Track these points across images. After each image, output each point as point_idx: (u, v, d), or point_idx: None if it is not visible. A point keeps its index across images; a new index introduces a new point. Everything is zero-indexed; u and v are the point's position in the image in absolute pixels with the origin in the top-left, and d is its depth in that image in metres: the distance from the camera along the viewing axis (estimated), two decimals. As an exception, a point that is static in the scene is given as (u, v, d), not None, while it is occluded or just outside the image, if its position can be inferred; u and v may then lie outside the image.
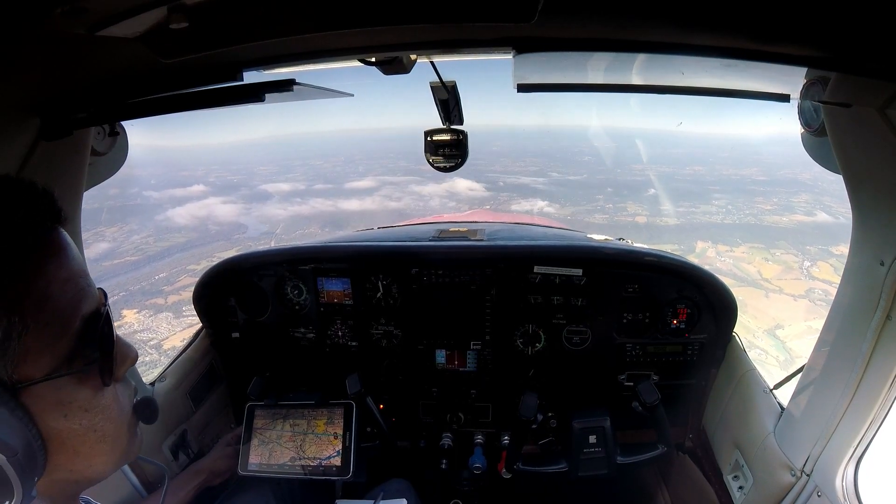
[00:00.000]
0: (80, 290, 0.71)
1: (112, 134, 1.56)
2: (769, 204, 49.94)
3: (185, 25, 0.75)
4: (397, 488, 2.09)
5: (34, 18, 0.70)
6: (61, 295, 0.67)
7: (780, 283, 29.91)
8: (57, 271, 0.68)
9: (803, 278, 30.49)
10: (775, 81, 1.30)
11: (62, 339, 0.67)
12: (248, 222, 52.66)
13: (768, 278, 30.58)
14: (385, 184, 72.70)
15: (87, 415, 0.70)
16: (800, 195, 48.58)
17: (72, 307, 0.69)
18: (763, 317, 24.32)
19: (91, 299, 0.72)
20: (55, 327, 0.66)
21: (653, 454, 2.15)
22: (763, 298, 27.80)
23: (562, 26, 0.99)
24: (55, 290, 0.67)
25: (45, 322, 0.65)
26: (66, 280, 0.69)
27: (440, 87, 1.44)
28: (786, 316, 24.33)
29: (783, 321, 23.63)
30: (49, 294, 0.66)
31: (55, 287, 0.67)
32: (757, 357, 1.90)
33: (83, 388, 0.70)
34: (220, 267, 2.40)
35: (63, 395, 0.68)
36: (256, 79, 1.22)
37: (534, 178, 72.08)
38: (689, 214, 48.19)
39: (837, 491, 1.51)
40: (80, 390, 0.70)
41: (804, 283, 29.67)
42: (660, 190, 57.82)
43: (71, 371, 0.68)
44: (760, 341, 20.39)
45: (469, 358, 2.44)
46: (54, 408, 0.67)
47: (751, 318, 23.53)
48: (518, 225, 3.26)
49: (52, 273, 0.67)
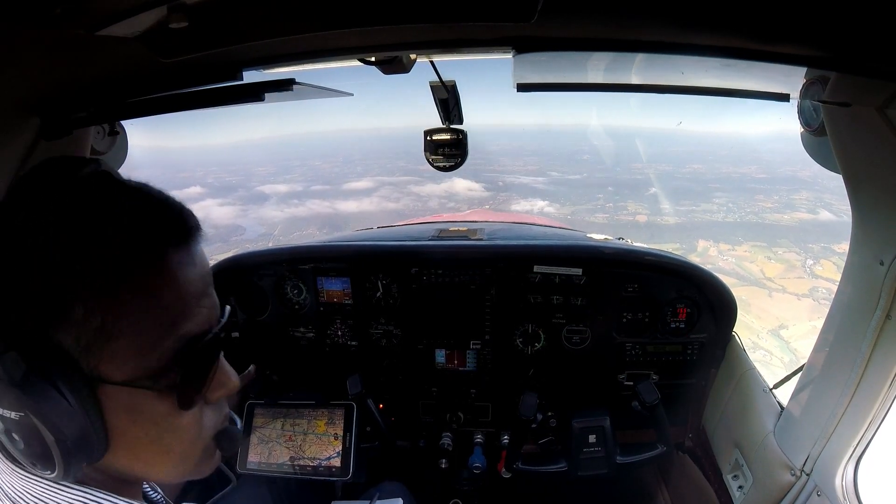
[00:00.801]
0: (186, 310, 0.68)
1: (112, 133, 1.56)
2: (770, 202, 49.84)
3: (184, 25, 0.75)
4: (391, 489, 2.09)
5: (34, 18, 0.70)
6: (164, 311, 0.66)
7: (784, 281, 29.76)
8: (172, 288, 0.66)
9: (806, 277, 30.31)
10: (775, 81, 1.30)
11: (152, 353, 0.65)
12: (246, 224, 52.54)
13: (771, 277, 30.42)
14: (383, 184, 72.39)
15: (156, 428, 0.69)
16: (800, 192, 48.49)
17: (172, 325, 0.66)
18: (767, 316, 24.11)
19: (198, 320, 0.69)
20: (148, 340, 0.65)
21: (652, 454, 2.15)
22: (766, 298, 27.60)
23: (562, 26, 0.99)
24: (159, 306, 0.65)
25: (139, 332, 0.64)
26: (172, 300, 0.67)
27: (440, 86, 1.44)
28: (790, 315, 24.09)
29: (787, 321, 23.42)
30: (150, 308, 0.64)
31: (160, 302, 0.65)
32: (761, 358, 1.90)
33: (160, 404, 0.67)
34: (220, 266, 2.40)
35: (137, 404, 0.66)
36: (256, 78, 1.22)
37: (533, 178, 71.98)
38: (690, 213, 48.09)
39: (837, 490, 1.52)
40: (157, 405, 0.67)
41: (807, 281, 29.47)
42: (660, 188, 57.73)
43: (152, 387, 0.66)
44: (765, 342, 20.15)
45: (469, 357, 2.44)
46: (125, 412, 0.66)
47: (754, 317, 23.35)
48: (518, 224, 3.26)
49: (165, 290, 0.66)
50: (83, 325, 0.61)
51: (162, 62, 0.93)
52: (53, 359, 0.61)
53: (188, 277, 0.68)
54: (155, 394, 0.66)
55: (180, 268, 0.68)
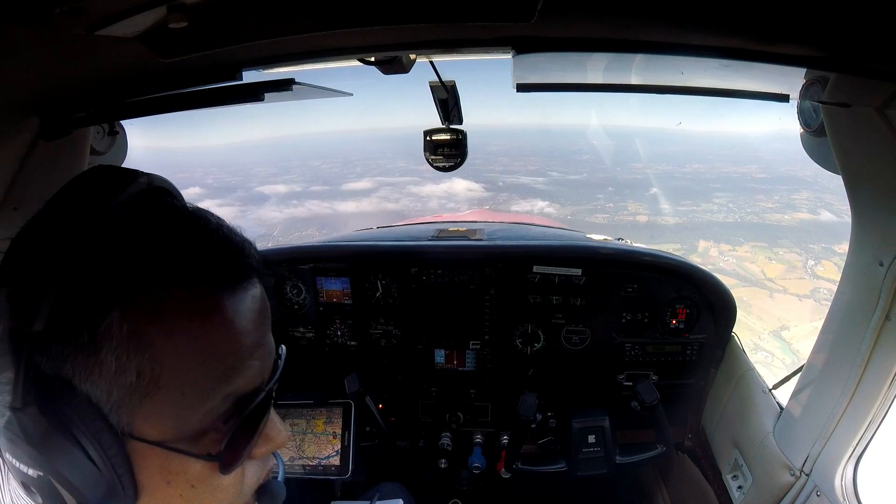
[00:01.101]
0: (238, 364, 0.59)
1: (111, 133, 1.56)
2: (770, 202, 49.79)
3: (184, 25, 0.75)
4: (391, 490, 2.09)
5: (33, 18, 0.70)
6: (209, 367, 0.57)
7: (785, 282, 29.64)
8: (214, 339, 0.57)
9: (807, 277, 30.17)
10: (774, 82, 1.31)
11: (194, 413, 0.56)
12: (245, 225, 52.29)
13: (772, 278, 30.30)
14: (383, 185, 72.16)
15: (193, 490, 0.60)
16: (800, 192, 48.44)
17: (220, 381, 0.58)
18: (768, 318, 23.99)
19: (250, 375, 0.61)
20: (191, 398, 0.56)
21: (652, 454, 2.16)
22: (767, 299, 27.47)
23: (561, 26, 0.99)
24: (203, 361, 0.56)
25: (181, 389, 0.55)
26: (223, 353, 0.58)
27: (439, 86, 1.44)
28: (791, 317, 23.98)
29: (788, 322, 23.30)
30: (196, 362, 0.56)
31: (205, 357, 0.56)
32: (763, 360, 1.90)
33: (198, 465, 0.59)
34: None
35: (173, 465, 0.57)
36: (256, 78, 1.22)
37: (533, 178, 71.89)
38: (691, 213, 48.05)
39: (836, 490, 1.52)
40: (194, 466, 0.58)
41: (809, 282, 29.37)
42: (660, 188, 57.68)
43: (190, 452, 0.57)
44: (766, 343, 20.01)
45: (468, 357, 2.44)
46: (159, 471, 0.57)
47: (756, 319, 23.22)
48: (517, 225, 3.26)
49: (208, 340, 0.56)
50: (116, 378, 0.52)
51: (161, 62, 0.93)
52: (79, 414, 0.52)
53: (243, 327, 0.59)
54: (191, 457, 0.58)
55: (236, 316, 0.58)
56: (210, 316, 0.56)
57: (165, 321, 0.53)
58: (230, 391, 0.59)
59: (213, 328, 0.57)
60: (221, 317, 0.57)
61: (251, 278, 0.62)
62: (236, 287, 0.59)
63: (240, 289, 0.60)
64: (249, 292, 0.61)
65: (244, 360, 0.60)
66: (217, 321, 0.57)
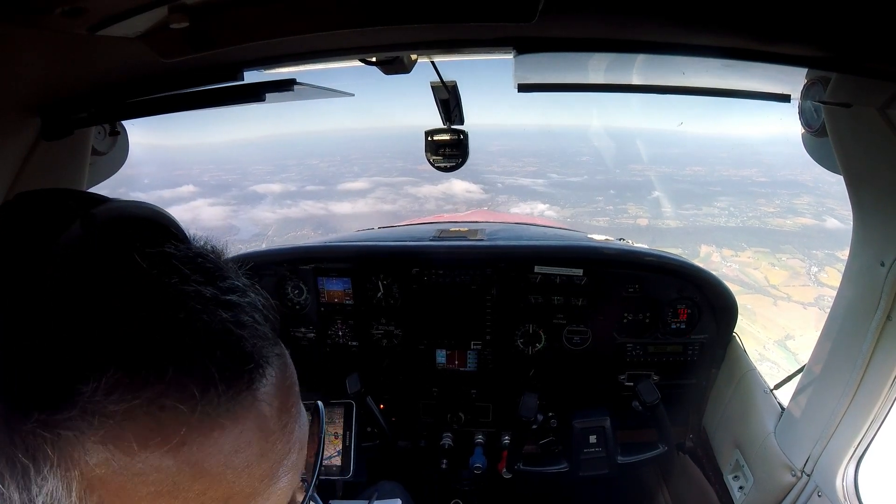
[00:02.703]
0: (266, 481, 0.44)
1: (112, 133, 1.56)
2: (772, 206, 49.71)
3: (185, 25, 0.75)
4: (390, 489, 2.08)
5: (34, 19, 0.70)
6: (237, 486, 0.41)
7: (788, 289, 29.33)
8: (238, 453, 0.41)
9: (811, 284, 29.85)
10: (776, 82, 1.31)
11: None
12: (240, 224, 52.09)
13: (776, 284, 30.01)
14: (379, 185, 71.69)
15: None
16: (802, 197, 48.39)
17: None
18: (772, 326, 23.71)
19: (283, 489, 0.46)
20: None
21: (653, 454, 2.16)
22: (771, 306, 27.17)
23: (562, 26, 0.99)
24: (227, 480, 0.41)
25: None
26: (249, 465, 0.42)
27: (441, 86, 1.44)
28: (796, 325, 23.59)
29: (793, 331, 22.92)
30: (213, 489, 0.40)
31: (229, 477, 0.41)
32: (769, 371, 1.89)
33: None
34: None
35: None
36: (257, 78, 1.22)
37: (533, 180, 71.76)
38: (692, 217, 47.96)
39: (838, 491, 1.52)
40: None
41: (813, 289, 29.12)
42: (662, 191, 57.58)
43: None
44: (772, 353, 19.63)
45: (469, 358, 2.44)
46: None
47: (760, 328, 22.87)
48: (518, 225, 3.26)
49: (232, 455, 0.41)
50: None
51: (163, 62, 0.93)
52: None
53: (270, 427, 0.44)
54: None
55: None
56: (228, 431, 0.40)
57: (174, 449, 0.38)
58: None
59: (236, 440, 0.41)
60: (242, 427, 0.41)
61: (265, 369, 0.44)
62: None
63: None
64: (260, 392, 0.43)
65: (275, 471, 0.45)
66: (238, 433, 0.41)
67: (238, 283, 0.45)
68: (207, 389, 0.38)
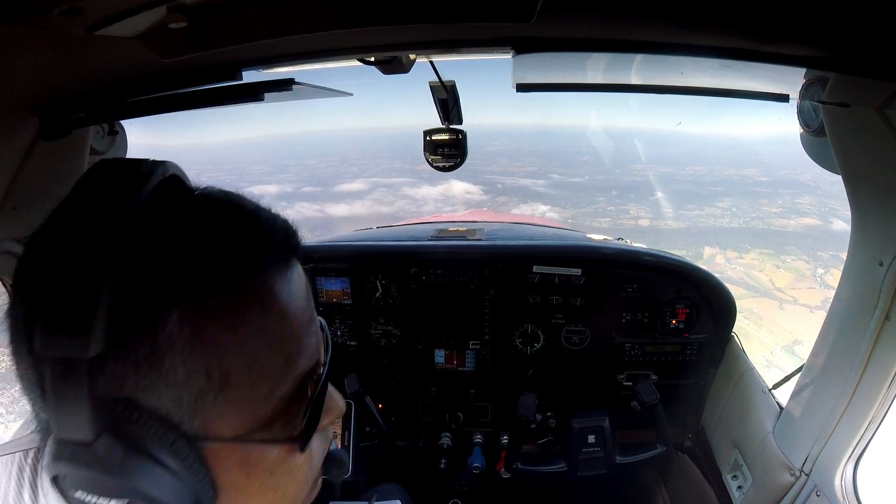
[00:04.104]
0: (299, 348, 0.58)
1: (111, 133, 1.56)
2: (774, 206, 49.46)
3: (184, 25, 0.75)
4: (390, 491, 2.09)
5: (33, 18, 0.70)
6: (276, 353, 0.56)
7: (794, 292, 28.84)
8: (280, 323, 0.56)
9: (818, 287, 29.36)
10: (774, 81, 1.31)
11: (265, 404, 0.55)
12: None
13: (781, 287, 29.52)
14: (377, 186, 71.14)
15: (272, 477, 0.59)
16: (803, 196, 48.17)
17: (286, 367, 0.57)
18: (780, 331, 23.32)
19: (308, 356, 0.60)
20: (262, 389, 0.55)
21: (652, 454, 2.16)
22: (777, 310, 26.73)
23: (561, 26, 1.00)
24: (269, 348, 0.55)
25: (251, 383, 0.54)
26: (288, 335, 0.57)
27: (439, 86, 1.44)
28: (803, 330, 22.89)
29: (801, 336, 22.25)
30: (261, 353, 0.54)
31: (273, 344, 0.55)
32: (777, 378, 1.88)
33: (274, 450, 0.58)
34: None
35: (251, 457, 0.57)
36: (255, 78, 1.22)
37: (533, 180, 71.47)
38: (694, 217, 47.77)
39: (836, 490, 1.52)
40: (271, 452, 0.58)
41: (819, 292, 28.58)
42: (663, 192, 57.37)
43: (267, 438, 0.57)
44: (780, 360, 19.05)
45: (468, 357, 2.44)
46: (237, 466, 0.56)
47: (767, 332, 22.40)
48: (517, 224, 3.26)
49: (274, 326, 0.56)
50: (184, 385, 0.49)
51: (161, 62, 0.92)
52: (152, 431, 0.49)
53: (298, 307, 0.59)
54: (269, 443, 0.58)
55: (290, 298, 0.57)
56: (268, 303, 0.55)
57: (226, 316, 0.51)
58: (296, 373, 0.58)
59: (273, 315, 0.55)
60: (278, 302, 0.56)
61: (296, 256, 0.62)
62: (285, 269, 0.58)
63: (288, 270, 0.59)
64: (296, 271, 0.61)
65: (303, 340, 0.59)
66: (275, 307, 0.56)
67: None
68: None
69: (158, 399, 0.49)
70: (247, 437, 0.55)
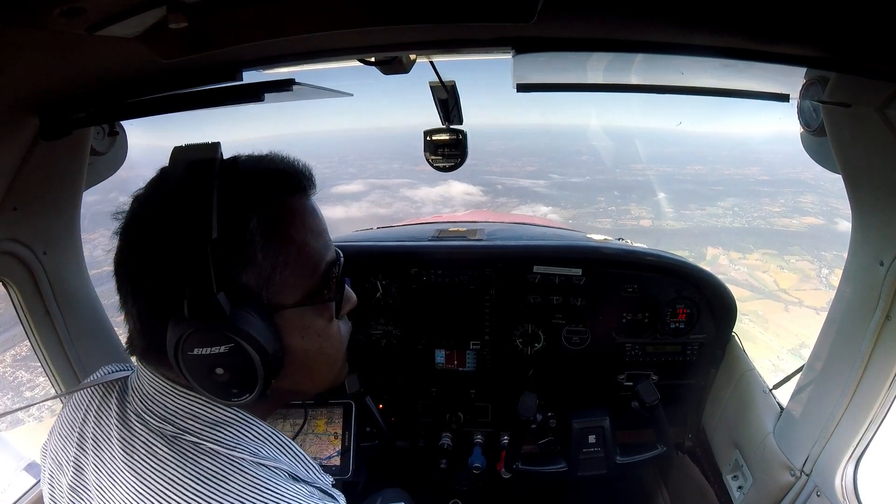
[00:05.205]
0: (327, 242, 0.86)
1: (111, 133, 1.56)
2: (776, 206, 49.08)
3: (184, 25, 0.74)
4: (394, 495, 2.09)
5: (33, 18, 0.70)
6: (315, 244, 0.83)
7: (799, 293, 28.45)
8: (314, 225, 0.84)
9: (823, 288, 28.90)
10: (775, 81, 1.31)
11: (311, 278, 0.82)
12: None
13: (786, 289, 29.08)
14: (375, 188, 70.37)
15: (319, 339, 0.85)
16: (805, 195, 47.82)
17: (320, 254, 0.84)
18: (785, 334, 22.91)
19: (332, 251, 0.87)
20: (308, 268, 0.82)
21: (652, 454, 2.15)
22: (783, 312, 26.41)
23: (561, 26, 0.99)
24: (311, 240, 0.82)
25: (302, 263, 0.80)
26: (319, 233, 0.85)
27: (440, 86, 1.44)
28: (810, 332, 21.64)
29: (807, 339, 21.06)
30: (307, 242, 0.82)
31: (311, 238, 0.83)
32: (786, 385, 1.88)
33: (320, 318, 0.85)
34: None
35: (305, 321, 0.83)
36: (256, 78, 1.22)
37: (533, 181, 71.02)
38: (696, 217, 47.43)
39: (837, 491, 1.52)
40: (318, 319, 0.84)
41: (824, 293, 28.06)
42: (664, 191, 57.06)
43: (314, 303, 0.83)
44: (787, 364, 18.52)
45: (468, 358, 2.44)
46: (296, 330, 0.81)
47: (773, 335, 22.04)
48: (517, 225, 3.26)
49: (311, 226, 0.83)
50: (263, 266, 0.76)
51: (162, 62, 0.92)
52: (245, 296, 0.75)
53: (321, 216, 0.88)
54: (316, 310, 0.84)
55: (316, 208, 0.87)
56: (311, 211, 0.85)
57: (288, 219, 0.81)
58: (328, 259, 0.85)
59: (314, 219, 0.85)
60: (315, 211, 0.86)
61: (314, 187, 0.89)
62: (312, 190, 0.87)
63: (312, 191, 0.88)
64: (314, 193, 0.89)
65: (328, 238, 0.87)
66: (315, 214, 0.85)
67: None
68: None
69: (249, 276, 0.75)
70: (301, 303, 0.81)
